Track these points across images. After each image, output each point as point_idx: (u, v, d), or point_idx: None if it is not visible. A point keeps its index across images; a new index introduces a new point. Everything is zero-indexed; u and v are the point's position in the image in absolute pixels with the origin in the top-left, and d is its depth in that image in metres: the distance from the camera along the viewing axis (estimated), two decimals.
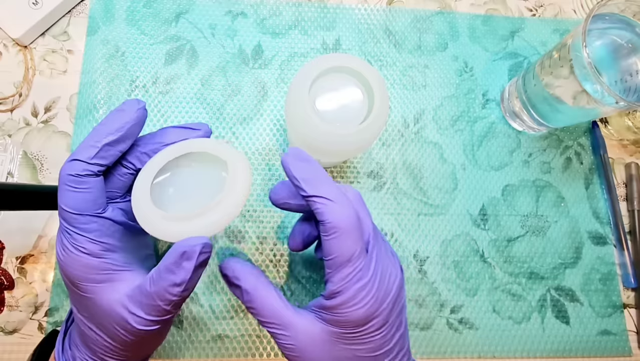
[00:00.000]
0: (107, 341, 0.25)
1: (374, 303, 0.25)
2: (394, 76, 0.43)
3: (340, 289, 0.25)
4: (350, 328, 0.25)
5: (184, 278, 0.23)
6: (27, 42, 0.41)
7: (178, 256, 0.23)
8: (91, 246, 0.24)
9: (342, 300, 0.25)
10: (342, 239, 0.25)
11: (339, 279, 0.25)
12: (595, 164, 0.43)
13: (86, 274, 0.24)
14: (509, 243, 0.41)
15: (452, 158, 0.42)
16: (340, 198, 0.25)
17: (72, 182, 0.24)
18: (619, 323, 0.40)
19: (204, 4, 0.43)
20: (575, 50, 0.32)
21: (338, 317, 0.25)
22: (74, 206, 0.24)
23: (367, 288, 0.25)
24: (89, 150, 0.25)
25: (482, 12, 0.46)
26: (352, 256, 0.25)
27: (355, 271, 0.25)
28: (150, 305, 0.23)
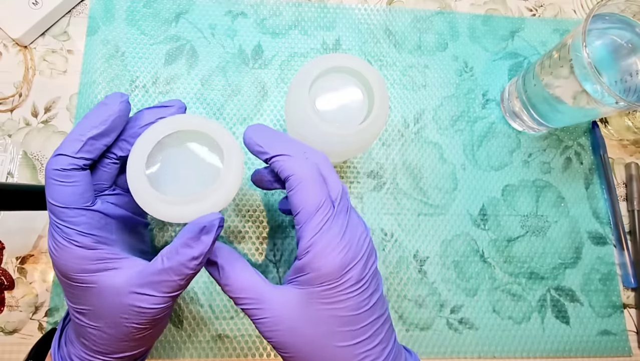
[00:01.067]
0: (108, 333, 0.25)
1: (347, 253, 0.25)
2: (394, 76, 0.43)
3: (312, 241, 0.24)
4: (327, 284, 0.24)
5: (203, 251, 0.23)
6: (27, 42, 0.41)
7: (198, 230, 0.23)
8: (82, 238, 0.24)
9: (315, 252, 0.24)
10: (306, 190, 0.25)
11: (310, 229, 0.25)
12: (595, 164, 0.43)
13: (81, 265, 0.24)
14: (509, 243, 0.41)
15: (452, 158, 0.42)
16: (299, 154, 0.26)
17: (58, 176, 0.24)
18: (619, 323, 0.40)
19: (204, 4, 0.43)
20: (575, 50, 0.32)
21: (313, 273, 0.24)
22: (61, 200, 0.24)
23: (339, 237, 0.25)
24: (73, 144, 0.25)
25: (482, 12, 0.46)
26: (319, 204, 0.25)
27: (324, 219, 0.25)
28: (164, 281, 0.24)
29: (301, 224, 0.25)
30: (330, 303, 0.25)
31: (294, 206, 0.25)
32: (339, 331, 0.25)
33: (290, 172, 0.25)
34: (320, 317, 0.25)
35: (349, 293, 0.25)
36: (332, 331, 0.25)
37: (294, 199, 0.25)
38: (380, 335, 0.26)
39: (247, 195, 0.39)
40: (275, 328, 0.25)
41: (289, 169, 0.26)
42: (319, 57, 0.30)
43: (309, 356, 0.25)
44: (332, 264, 0.24)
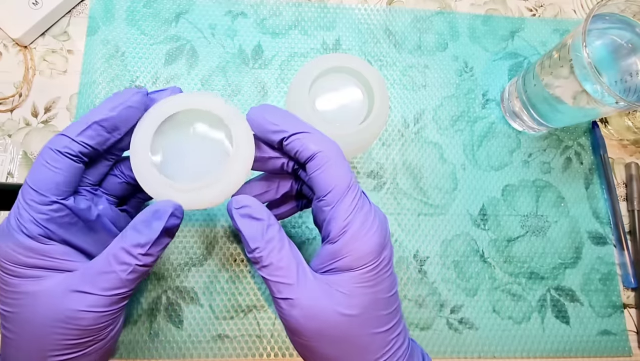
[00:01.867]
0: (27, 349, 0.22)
1: (382, 230, 0.23)
2: (394, 76, 0.43)
3: (348, 220, 0.23)
4: (369, 265, 0.23)
5: (150, 238, 0.22)
6: (27, 42, 0.41)
7: (150, 214, 0.22)
8: (34, 228, 0.22)
9: (352, 232, 0.23)
10: (337, 167, 0.23)
11: (344, 210, 0.23)
12: (595, 164, 0.43)
13: (21, 256, 0.22)
14: (509, 243, 0.41)
15: (452, 158, 0.42)
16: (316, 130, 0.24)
17: (48, 157, 0.22)
18: (619, 323, 0.40)
19: (204, 4, 0.43)
20: (575, 50, 0.32)
21: (352, 255, 0.23)
22: (36, 181, 0.22)
23: (372, 214, 0.24)
24: (77, 126, 0.23)
25: (482, 12, 0.46)
26: (350, 182, 0.23)
27: (356, 196, 0.23)
28: (103, 274, 0.21)
29: (333, 205, 0.23)
30: (372, 286, 0.23)
31: (323, 186, 0.23)
32: (378, 315, 0.23)
33: (317, 148, 0.23)
34: (362, 303, 0.23)
35: (385, 272, 0.24)
36: (372, 317, 0.23)
37: (323, 178, 0.23)
38: (402, 319, 0.25)
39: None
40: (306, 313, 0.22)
41: (314, 146, 0.23)
42: (319, 57, 0.30)
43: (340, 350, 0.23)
44: (371, 243, 0.23)
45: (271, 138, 0.25)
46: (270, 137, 0.25)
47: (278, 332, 0.37)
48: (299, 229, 0.39)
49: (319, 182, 0.24)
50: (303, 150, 0.24)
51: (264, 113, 0.25)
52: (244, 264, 0.38)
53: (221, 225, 0.38)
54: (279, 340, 0.37)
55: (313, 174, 0.24)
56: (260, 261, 0.23)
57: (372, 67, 0.30)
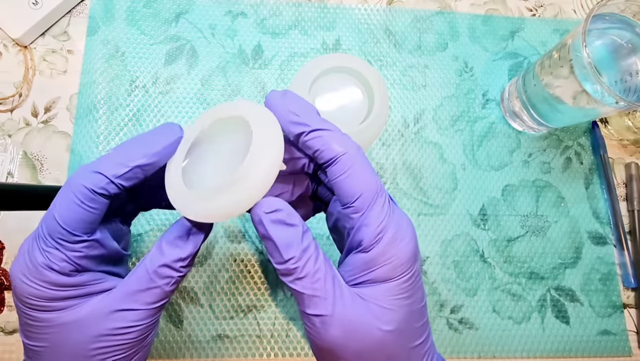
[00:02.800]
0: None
1: (415, 235, 0.22)
2: (394, 76, 0.43)
3: (382, 227, 0.21)
4: (405, 275, 0.21)
5: (192, 252, 0.22)
6: (27, 42, 0.41)
7: (186, 229, 0.21)
8: (66, 265, 0.21)
9: (388, 239, 0.21)
10: (363, 170, 0.21)
11: (375, 216, 0.21)
12: (595, 164, 0.43)
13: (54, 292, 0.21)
14: (509, 243, 0.41)
15: (452, 158, 0.42)
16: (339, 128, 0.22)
17: (83, 196, 0.21)
18: (619, 323, 0.40)
19: (204, 4, 0.43)
20: (575, 50, 0.32)
21: (390, 263, 0.21)
22: (70, 222, 0.21)
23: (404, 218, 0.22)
24: (117, 167, 0.21)
25: (482, 12, 0.46)
26: (378, 186, 0.22)
27: (387, 202, 0.22)
28: (148, 290, 0.21)
29: (362, 211, 0.21)
30: (409, 297, 0.22)
31: (349, 192, 0.21)
32: (414, 328, 0.22)
33: (340, 150, 0.21)
34: (401, 317, 0.21)
35: (418, 281, 0.22)
36: (409, 330, 0.22)
37: (349, 184, 0.21)
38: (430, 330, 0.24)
39: None
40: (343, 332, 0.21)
41: (337, 147, 0.21)
42: (319, 57, 0.30)
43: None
44: (407, 250, 0.21)
45: (288, 129, 0.22)
46: (287, 129, 0.22)
47: (278, 332, 0.37)
48: None
49: (344, 187, 0.22)
50: (325, 150, 0.22)
51: (286, 100, 0.22)
52: (244, 264, 0.38)
53: (221, 225, 0.38)
54: (279, 340, 0.37)
55: (338, 178, 0.22)
56: (296, 272, 0.21)
57: (372, 67, 0.30)
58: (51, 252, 0.21)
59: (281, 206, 0.21)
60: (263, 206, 0.21)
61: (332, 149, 0.21)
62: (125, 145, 0.22)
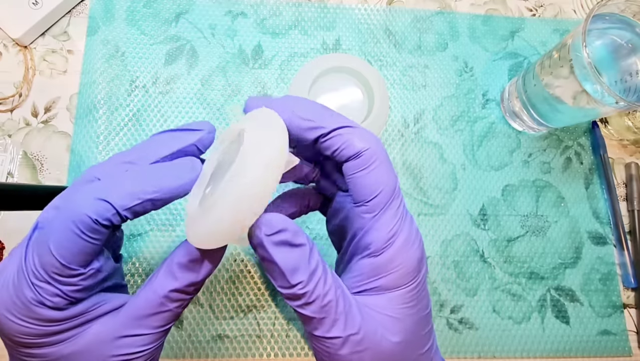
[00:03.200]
0: None
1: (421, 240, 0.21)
2: (394, 76, 0.43)
3: (394, 232, 0.20)
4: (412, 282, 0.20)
5: (205, 275, 0.20)
6: (27, 42, 0.41)
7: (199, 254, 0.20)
8: (60, 301, 0.19)
9: (399, 245, 0.20)
10: (385, 167, 0.20)
11: (390, 219, 0.20)
12: (595, 164, 0.43)
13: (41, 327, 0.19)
14: (509, 243, 0.41)
15: (452, 158, 0.42)
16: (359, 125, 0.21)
17: (85, 227, 0.18)
18: (619, 323, 0.40)
19: (204, 4, 0.43)
20: (575, 50, 0.32)
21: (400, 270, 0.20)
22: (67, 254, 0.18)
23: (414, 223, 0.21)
24: (127, 199, 0.19)
25: (482, 12, 0.46)
26: (396, 187, 0.20)
27: (402, 205, 0.21)
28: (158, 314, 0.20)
29: (377, 212, 0.20)
30: (415, 305, 0.21)
31: (367, 190, 0.20)
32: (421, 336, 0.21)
33: (363, 145, 0.20)
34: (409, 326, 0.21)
35: (424, 288, 0.21)
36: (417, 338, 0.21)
37: (369, 180, 0.20)
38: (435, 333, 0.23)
39: None
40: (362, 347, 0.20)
41: (360, 143, 0.20)
42: (319, 57, 0.31)
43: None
44: (415, 258, 0.20)
45: (304, 137, 0.21)
46: (303, 136, 0.21)
47: (278, 332, 0.37)
48: None
49: (362, 184, 0.20)
50: (346, 147, 0.20)
51: (293, 107, 0.21)
52: (244, 264, 0.38)
53: None
54: (279, 340, 0.37)
55: (357, 174, 0.20)
56: (304, 297, 0.19)
57: (372, 67, 0.30)
58: (43, 287, 0.18)
59: (285, 225, 0.19)
60: (263, 227, 0.19)
61: (354, 145, 0.20)
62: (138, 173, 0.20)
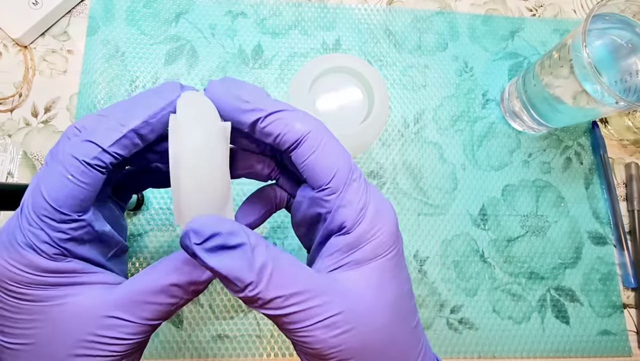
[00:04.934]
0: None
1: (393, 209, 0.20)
2: (394, 76, 0.43)
3: (363, 202, 0.19)
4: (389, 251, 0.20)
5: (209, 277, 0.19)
6: (27, 42, 0.41)
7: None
8: (49, 248, 0.18)
9: (370, 216, 0.19)
10: (334, 146, 0.20)
11: (355, 192, 0.19)
12: (595, 164, 0.43)
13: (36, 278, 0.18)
14: (509, 243, 0.41)
15: (452, 158, 0.42)
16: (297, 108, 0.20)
17: (74, 169, 0.18)
18: (619, 323, 0.40)
19: (204, 4, 0.43)
20: (575, 50, 0.32)
21: (373, 242, 0.19)
22: (57, 198, 0.18)
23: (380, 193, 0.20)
24: (109, 133, 0.19)
25: (482, 12, 0.46)
26: (351, 161, 0.20)
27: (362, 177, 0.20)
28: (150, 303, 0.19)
29: (340, 190, 0.19)
30: (397, 276, 0.20)
31: (324, 172, 0.19)
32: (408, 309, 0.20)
33: (305, 128, 0.19)
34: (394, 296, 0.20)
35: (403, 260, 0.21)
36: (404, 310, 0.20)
37: (321, 162, 0.19)
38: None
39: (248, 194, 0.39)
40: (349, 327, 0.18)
41: (301, 126, 0.19)
42: (319, 57, 0.30)
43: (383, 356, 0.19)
44: (390, 226, 0.20)
45: (240, 119, 0.20)
46: (238, 119, 0.20)
47: (278, 332, 0.37)
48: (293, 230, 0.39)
49: (316, 169, 0.19)
50: (287, 132, 0.19)
51: (230, 88, 0.20)
52: None
53: None
54: (279, 340, 0.37)
55: (307, 160, 0.19)
56: (259, 298, 0.17)
57: (372, 67, 0.30)
58: (33, 231, 0.18)
59: (215, 229, 0.17)
60: (192, 236, 0.17)
61: (295, 130, 0.19)
62: (119, 105, 0.20)
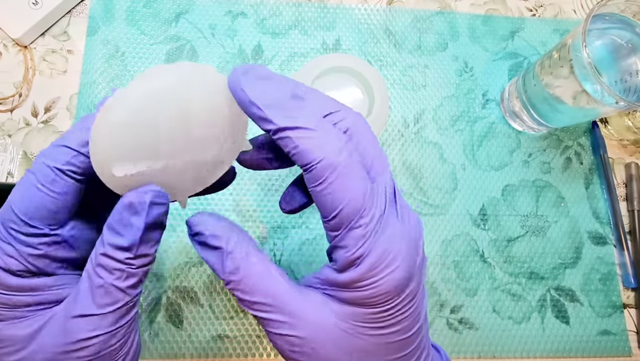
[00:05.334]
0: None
1: (409, 259, 0.18)
2: (394, 76, 0.43)
3: (363, 252, 0.17)
4: (381, 305, 0.18)
5: (134, 240, 0.17)
6: (27, 42, 0.41)
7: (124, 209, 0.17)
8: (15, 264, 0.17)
9: (369, 264, 0.17)
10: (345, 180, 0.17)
11: (357, 237, 0.17)
12: (595, 164, 0.43)
13: None
14: (509, 243, 0.41)
15: (452, 158, 0.42)
16: (323, 124, 0.18)
17: (44, 177, 0.17)
18: (619, 323, 0.40)
19: (204, 4, 0.43)
20: (575, 50, 0.32)
21: (364, 292, 0.17)
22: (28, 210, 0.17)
23: (397, 240, 0.18)
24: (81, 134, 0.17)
25: (482, 12, 0.46)
26: (364, 197, 0.17)
27: (375, 216, 0.17)
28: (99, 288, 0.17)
29: (342, 230, 0.18)
30: (381, 328, 0.18)
31: (328, 205, 0.17)
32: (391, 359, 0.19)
33: (315, 156, 0.17)
34: (365, 348, 0.18)
35: (404, 312, 0.18)
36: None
37: (327, 195, 0.17)
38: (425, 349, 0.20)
39: (247, 194, 0.39)
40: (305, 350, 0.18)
41: (312, 151, 0.17)
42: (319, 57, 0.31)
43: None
44: (393, 280, 0.17)
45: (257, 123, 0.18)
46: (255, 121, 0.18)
47: None
48: (299, 230, 0.39)
49: (319, 200, 0.18)
50: (297, 154, 0.17)
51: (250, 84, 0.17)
52: None
53: None
54: None
55: (312, 189, 0.18)
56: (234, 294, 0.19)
57: (372, 67, 0.30)
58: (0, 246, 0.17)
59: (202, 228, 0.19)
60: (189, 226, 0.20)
61: (304, 156, 0.17)
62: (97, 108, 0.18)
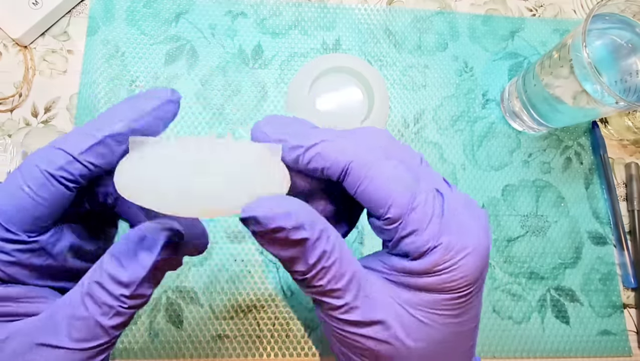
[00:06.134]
0: None
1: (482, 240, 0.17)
2: (394, 76, 0.43)
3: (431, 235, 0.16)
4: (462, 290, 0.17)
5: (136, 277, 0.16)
6: (27, 42, 0.41)
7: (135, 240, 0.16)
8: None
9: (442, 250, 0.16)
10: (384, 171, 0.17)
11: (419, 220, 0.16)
12: (595, 164, 0.43)
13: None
14: (509, 243, 0.41)
15: (452, 158, 0.42)
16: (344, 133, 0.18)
17: (32, 180, 0.16)
18: (619, 323, 0.40)
19: (204, 4, 0.43)
20: (575, 50, 0.32)
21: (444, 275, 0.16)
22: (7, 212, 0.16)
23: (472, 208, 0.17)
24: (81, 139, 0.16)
25: (482, 12, 0.46)
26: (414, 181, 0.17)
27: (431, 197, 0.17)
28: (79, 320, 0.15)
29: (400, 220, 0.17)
30: (458, 316, 0.17)
31: (377, 202, 0.17)
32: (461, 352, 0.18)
33: (347, 158, 0.17)
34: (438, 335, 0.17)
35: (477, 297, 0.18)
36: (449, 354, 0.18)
37: (371, 194, 0.17)
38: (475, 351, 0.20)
39: None
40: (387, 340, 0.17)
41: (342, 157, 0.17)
42: (319, 57, 0.31)
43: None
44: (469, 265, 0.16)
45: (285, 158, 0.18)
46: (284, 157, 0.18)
47: (278, 332, 0.37)
48: None
49: (368, 199, 0.18)
50: (329, 166, 0.17)
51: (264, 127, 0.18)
52: (244, 264, 0.38)
53: (221, 225, 0.38)
54: (279, 340, 0.37)
55: (357, 192, 0.18)
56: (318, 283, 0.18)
57: (372, 67, 0.30)
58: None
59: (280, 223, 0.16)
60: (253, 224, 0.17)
61: (336, 163, 0.17)
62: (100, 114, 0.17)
